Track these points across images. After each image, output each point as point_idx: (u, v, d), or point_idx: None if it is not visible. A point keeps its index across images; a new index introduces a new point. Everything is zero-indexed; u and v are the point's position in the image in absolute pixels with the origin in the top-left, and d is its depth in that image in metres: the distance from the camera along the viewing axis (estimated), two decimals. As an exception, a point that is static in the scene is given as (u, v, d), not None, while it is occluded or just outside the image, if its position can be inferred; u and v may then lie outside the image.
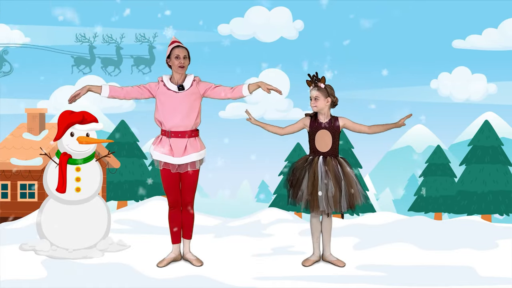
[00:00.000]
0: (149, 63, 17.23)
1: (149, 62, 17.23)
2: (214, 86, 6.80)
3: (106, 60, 17.17)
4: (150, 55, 17.17)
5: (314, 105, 6.78)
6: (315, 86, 6.78)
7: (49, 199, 7.42)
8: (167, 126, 6.73)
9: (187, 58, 6.74)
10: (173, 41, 6.83)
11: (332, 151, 6.78)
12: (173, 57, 6.72)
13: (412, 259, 7.19)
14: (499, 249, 7.70)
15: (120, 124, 19.04)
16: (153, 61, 17.18)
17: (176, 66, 6.72)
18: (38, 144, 15.44)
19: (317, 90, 6.75)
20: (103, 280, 6.36)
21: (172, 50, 6.73)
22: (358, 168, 18.27)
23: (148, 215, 9.67)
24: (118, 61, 17.18)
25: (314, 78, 6.79)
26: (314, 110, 6.81)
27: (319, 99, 6.75)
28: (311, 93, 6.78)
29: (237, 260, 7.15)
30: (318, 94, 6.75)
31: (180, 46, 6.74)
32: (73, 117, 7.26)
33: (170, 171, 6.76)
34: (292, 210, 10.70)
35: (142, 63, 17.21)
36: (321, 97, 6.74)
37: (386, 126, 6.84)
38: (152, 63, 17.20)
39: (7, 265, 6.82)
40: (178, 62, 6.71)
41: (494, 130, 18.94)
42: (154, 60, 17.15)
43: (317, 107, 6.77)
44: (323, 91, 6.75)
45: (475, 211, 18.45)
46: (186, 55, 6.73)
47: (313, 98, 6.77)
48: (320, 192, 6.64)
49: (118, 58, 17.15)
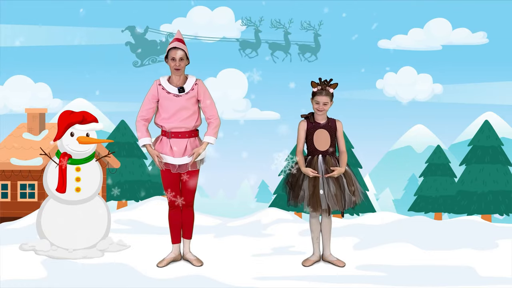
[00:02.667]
0: (315, 51, 17.12)
1: (315, 50, 17.12)
2: (207, 101, 6.74)
3: (274, 45, 17.09)
4: (316, 43, 17.06)
5: (322, 109, 6.74)
6: (322, 90, 6.74)
7: (49, 199, 7.41)
8: (168, 127, 6.72)
9: (184, 59, 6.66)
10: (172, 41, 6.78)
11: (331, 150, 6.78)
12: (170, 59, 6.69)
13: (412, 259, 7.19)
14: (499, 249, 7.70)
15: (120, 124, 19.02)
16: (318, 49, 17.06)
17: (172, 68, 6.70)
18: (38, 144, 15.43)
19: (327, 95, 6.73)
20: (103, 280, 6.36)
21: (168, 51, 6.70)
22: (358, 168, 18.26)
23: (148, 215, 9.67)
24: (286, 46, 17.08)
25: (326, 83, 6.75)
26: (320, 113, 6.78)
27: (328, 104, 6.75)
28: (320, 98, 6.71)
29: (237, 260, 7.15)
30: (327, 99, 6.73)
31: (176, 48, 6.66)
32: (73, 117, 7.26)
33: (170, 171, 6.76)
34: (292, 210, 10.69)
35: (308, 50, 17.11)
36: (329, 103, 6.74)
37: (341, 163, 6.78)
38: (317, 51, 17.09)
39: (7, 265, 6.82)
40: (174, 64, 6.66)
41: (494, 130, 18.93)
42: (319, 48, 17.04)
43: (324, 111, 6.76)
44: (331, 96, 6.75)
45: (475, 211, 18.43)
46: (182, 56, 6.65)
47: (321, 103, 6.72)
48: (322, 191, 6.65)
49: (286, 44, 17.04)
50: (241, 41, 17.15)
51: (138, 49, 16.84)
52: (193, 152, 6.69)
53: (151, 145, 6.75)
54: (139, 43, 17.10)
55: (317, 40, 17.04)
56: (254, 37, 17.16)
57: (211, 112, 6.75)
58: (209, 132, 6.74)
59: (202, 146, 6.72)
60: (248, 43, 17.15)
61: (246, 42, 17.13)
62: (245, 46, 17.14)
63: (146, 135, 6.74)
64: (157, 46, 17.11)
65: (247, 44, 17.13)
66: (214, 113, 6.76)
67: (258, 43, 17.12)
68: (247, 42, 17.14)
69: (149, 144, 6.73)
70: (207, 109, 6.75)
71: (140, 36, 17.00)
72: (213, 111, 6.76)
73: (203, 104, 6.74)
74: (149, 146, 6.73)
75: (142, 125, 6.74)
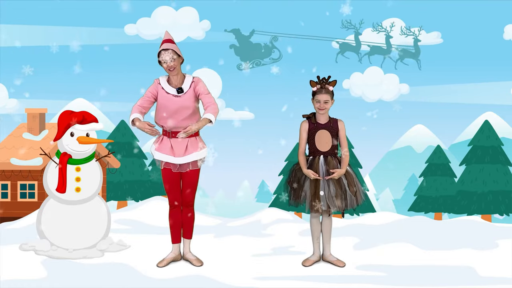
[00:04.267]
0: (415, 56, 17.10)
1: (415, 56, 17.10)
2: (204, 94, 6.68)
3: (375, 48, 17.07)
4: (415, 48, 17.04)
5: (323, 108, 6.72)
6: (322, 89, 6.74)
7: (49, 199, 7.41)
8: (168, 127, 6.72)
9: (175, 59, 6.62)
10: (161, 43, 6.69)
11: (332, 150, 6.78)
12: (162, 62, 6.66)
13: (412, 259, 7.19)
14: (499, 249, 7.70)
15: (120, 124, 19.03)
16: (418, 55, 17.05)
17: (166, 70, 6.68)
18: (38, 144, 15.43)
19: (327, 93, 6.71)
20: (103, 280, 6.36)
21: (158, 55, 6.66)
22: (358, 168, 18.26)
23: (148, 215, 9.67)
24: (387, 50, 17.06)
25: (324, 81, 6.75)
26: (322, 113, 6.76)
27: (329, 103, 6.73)
28: (320, 97, 6.69)
29: (237, 260, 7.15)
30: (328, 97, 6.71)
31: (164, 50, 6.60)
32: (73, 117, 7.26)
33: (171, 171, 6.76)
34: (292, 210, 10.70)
35: (408, 56, 17.09)
36: (330, 101, 6.73)
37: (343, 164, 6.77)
38: (417, 56, 17.07)
39: (7, 265, 6.82)
40: (166, 66, 6.63)
41: (494, 130, 18.94)
42: (419, 54, 17.03)
43: (325, 110, 6.74)
44: (331, 94, 6.73)
45: (475, 211, 18.44)
46: (172, 56, 6.61)
47: (322, 101, 6.70)
48: (322, 192, 6.64)
49: (387, 47, 17.02)
50: (341, 44, 17.09)
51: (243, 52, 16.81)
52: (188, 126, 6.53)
53: (139, 119, 6.61)
54: (244, 46, 17.06)
55: (417, 45, 17.01)
56: (354, 40, 17.13)
57: (209, 100, 6.64)
58: (208, 111, 6.56)
59: (200, 122, 6.55)
60: (348, 46, 17.10)
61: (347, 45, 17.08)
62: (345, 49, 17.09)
63: (136, 112, 6.62)
64: (261, 50, 17.06)
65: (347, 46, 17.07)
66: (211, 100, 6.66)
67: (358, 46, 17.08)
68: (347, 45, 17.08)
69: (137, 118, 6.60)
70: (204, 99, 6.67)
71: (245, 39, 16.98)
72: (210, 99, 6.67)
73: (201, 96, 6.68)
74: (137, 120, 6.59)
75: (136, 108, 6.68)
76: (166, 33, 6.80)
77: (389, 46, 17.16)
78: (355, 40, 17.16)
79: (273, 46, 16.84)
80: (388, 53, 17.10)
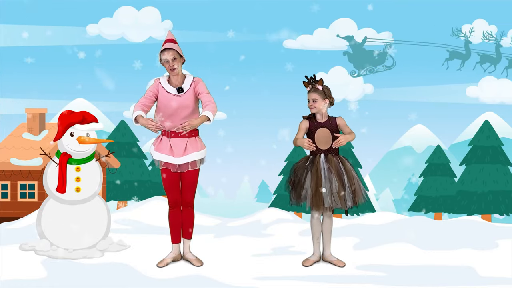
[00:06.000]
0: (495, 61, 17.08)
1: (496, 61, 17.07)
2: (204, 93, 6.68)
3: (485, 56, 17.05)
4: (497, 54, 17.02)
5: (312, 107, 6.82)
6: (312, 88, 6.82)
7: (49, 199, 7.41)
8: (167, 127, 6.72)
9: (177, 58, 6.65)
10: (164, 42, 6.70)
11: (333, 148, 6.80)
12: (163, 62, 6.67)
13: (412, 259, 7.19)
14: (499, 249, 7.70)
15: (120, 124, 19.04)
16: (499, 60, 17.04)
17: (167, 70, 6.69)
18: (38, 144, 15.43)
19: (315, 92, 6.79)
20: (103, 280, 6.36)
21: (160, 54, 6.67)
22: (358, 168, 18.26)
23: (148, 215, 9.67)
24: (496, 58, 17.02)
25: (311, 80, 6.83)
26: (312, 111, 6.85)
27: (317, 101, 6.80)
28: (309, 96, 6.82)
29: (237, 260, 7.15)
30: (316, 96, 6.80)
31: (166, 49, 6.62)
32: (73, 117, 7.26)
33: (171, 171, 6.76)
34: (292, 210, 10.70)
35: (488, 61, 17.06)
36: (319, 99, 6.79)
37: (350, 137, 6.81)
38: (498, 62, 17.06)
39: (7, 265, 6.82)
40: (168, 66, 6.65)
41: (494, 130, 18.93)
42: (500, 59, 17.02)
43: (316, 109, 6.81)
44: (320, 93, 6.79)
45: (475, 211, 18.44)
46: (174, 56, 6.63)
47: (311, 100, 6.82)
48: (324, 189, 6.66)
49: (497, 56, 16.99)
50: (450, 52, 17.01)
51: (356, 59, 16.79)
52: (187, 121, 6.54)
53: (142, 116, 6.61)
54: (357, 53, 17.04)
55: (499, 50, 16.98)
56: (464, 48, 17.11)
57: (208, 99, 6.65)
58: (206, 109, 6.58)
59: (198, 118, 6.56)
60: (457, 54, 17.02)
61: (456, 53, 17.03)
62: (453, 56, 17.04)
63: (139, 109, 6.63)
64: (374, 56, 17.05)
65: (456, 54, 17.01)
66: (211, 100, 6.67)
67: (468, 54, 17.05)
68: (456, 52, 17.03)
69: (140, 115, 6.60)
70: (203, 98, 6.68)
71: (358, 46, 16.96)
72: (209, 98, 6.68)
73: (201, 95, 6.69)
74: (140, 117, 6.60)
75: (138, 106, 6.68)
76: (168, 33, 6.83)
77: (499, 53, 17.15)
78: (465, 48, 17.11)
79: (386, 53, 16.85)
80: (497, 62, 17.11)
